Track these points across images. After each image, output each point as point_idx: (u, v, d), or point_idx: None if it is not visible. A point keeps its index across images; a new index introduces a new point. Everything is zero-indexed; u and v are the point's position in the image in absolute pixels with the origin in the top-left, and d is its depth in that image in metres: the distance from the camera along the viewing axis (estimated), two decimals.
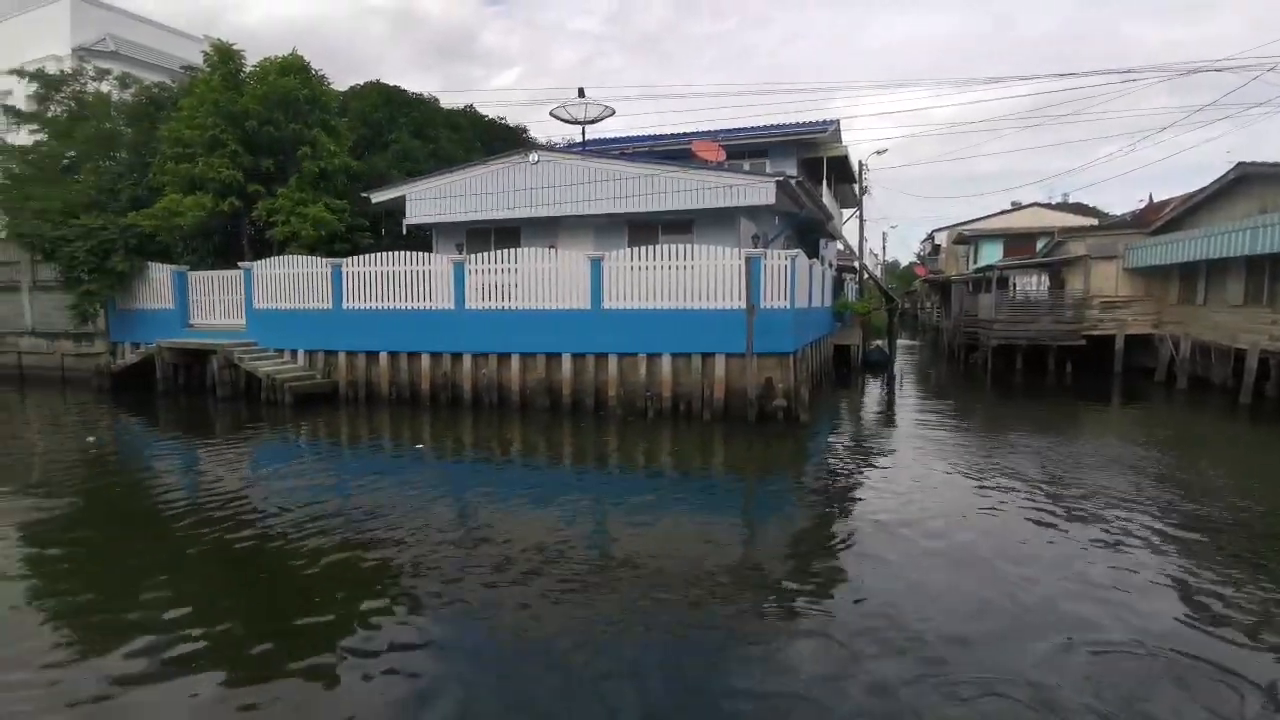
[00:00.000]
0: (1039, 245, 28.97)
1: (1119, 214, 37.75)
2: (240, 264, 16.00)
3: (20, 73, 21.75)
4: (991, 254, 32.79)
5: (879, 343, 24.04)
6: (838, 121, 20.83)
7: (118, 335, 17.53)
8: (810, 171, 20.66)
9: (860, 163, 26.94)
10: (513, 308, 13.53)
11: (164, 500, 8.02)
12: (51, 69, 23.00)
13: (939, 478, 8.70)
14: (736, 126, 21.11)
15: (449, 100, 23.40)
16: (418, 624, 4.83)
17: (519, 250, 13.85)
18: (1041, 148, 54.99)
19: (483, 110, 24.58)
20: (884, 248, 63.59)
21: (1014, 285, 24.49)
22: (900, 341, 25.96)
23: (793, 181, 14.54)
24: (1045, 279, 23.58)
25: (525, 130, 25.90)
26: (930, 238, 58.05)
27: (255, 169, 16.47)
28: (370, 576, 5.66)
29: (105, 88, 21.60)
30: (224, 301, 16.42)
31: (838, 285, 25.49)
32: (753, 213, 15.13)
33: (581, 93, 18.61)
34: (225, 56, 17.08)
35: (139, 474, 9.61)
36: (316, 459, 10.19)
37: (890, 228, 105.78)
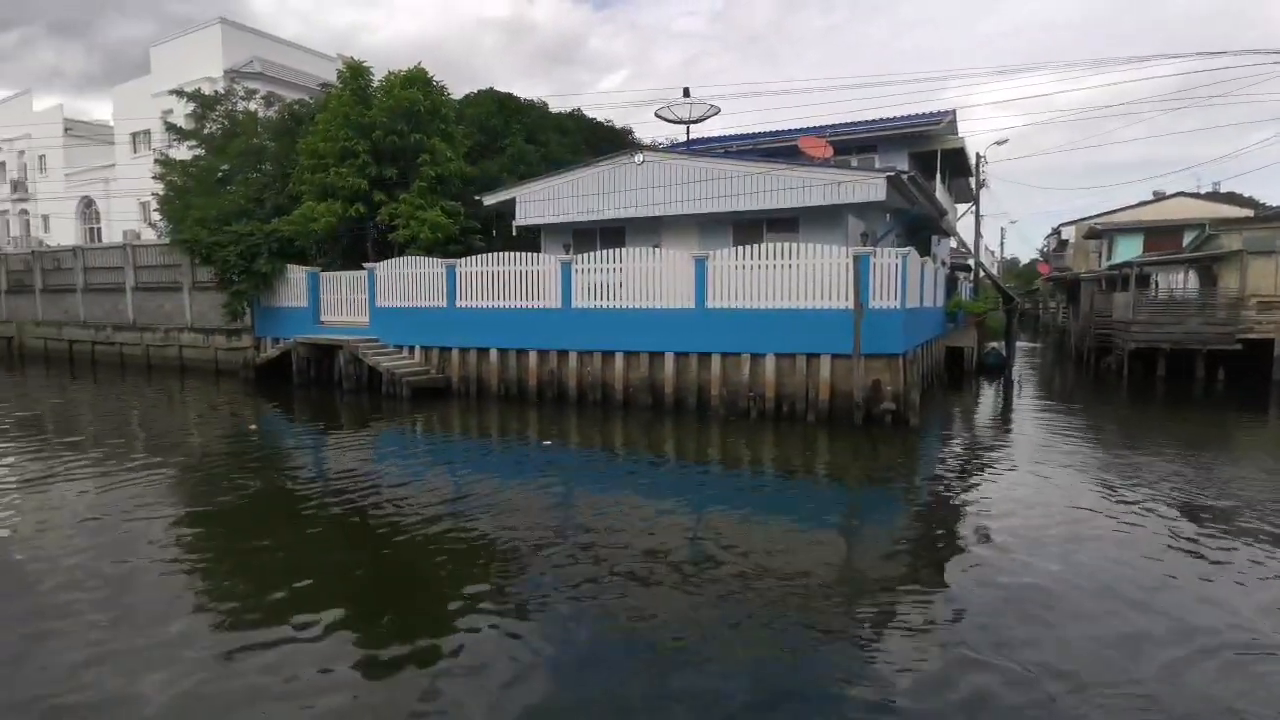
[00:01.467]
0: (1186, 239, 26.44)
1: (1278, 205, 33.85)
2: (364, 265, 17.15)
3: (180, 93, 24.24)
4: (1129, 249, 30.16)
5: (996, 345, 22.69)
6: (953, 112, 19.86)
7: (261, 331, 19.18)
8: (923, 165, 19.81)
9: (977, 155, 25.51)
10: (617, 306, 13.77)
11: (298, 481, 8.75)
12: (206, 90, 25.51)
13: (1060, 493, 8.07)
14: (844, 122, 20.55)
15: (557, 104, 24.05)
16: (519, 607, 5.02)
17: (624, 250, 14.09)
18: (1185, 134, 49.99)
19: (589, 113, 25.17)
20: (1002, 244, 59.93)
21: (1156, 283, 22.45)
22: (1020, 344, 24.38)
23: (904, 176, 14.00)
24: (1193, 276, 21.48)
25: (630, 131, 26.31)
26: (1056, 232, 54.14)
27: (380, 177, 17.59)
28: (477, 559, 5.94)
29: (253, 106, 23.71)
30: (350, 300, 17.63)
31: (951, 284, 24.27)
32: (861, 210, 14.69)
33: (686, 92, 18.68)
34: (355, 73, 18.35)
35: (279, 458, 10.50)
36: (430, 449, 10.78)
37: (1009, 223, 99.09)
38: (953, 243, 27.39)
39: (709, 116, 18.89)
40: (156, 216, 26.14)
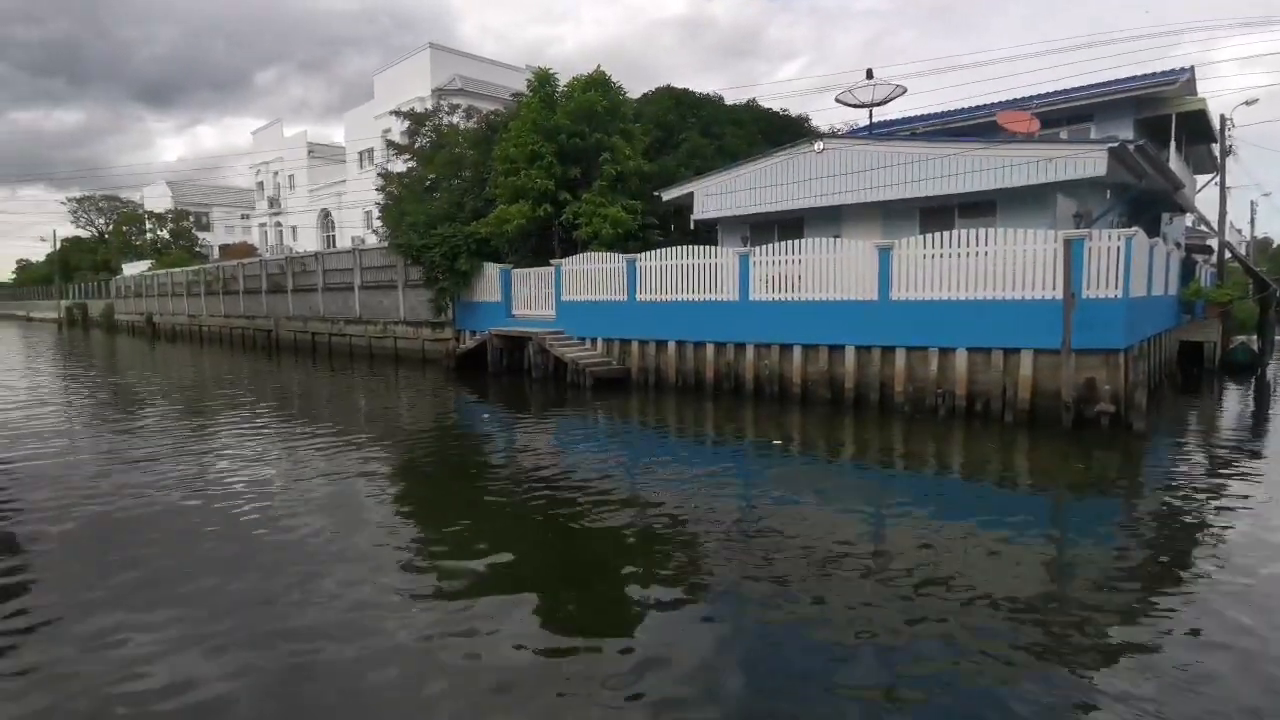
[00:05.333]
0: None
1: None
2: (551, 262, 18.26)
3: (397, 113, 27.30)
4: None
5: (1245, 339, 19.31)
6: (1190, 70, 17.17)
7: (461, 323, 21.12)
8: (1152, 133, 17.34)
9: (1222, 117, 21.83)
10: (796, 299, 13.52)
11: (491, 462, 9.58)
12: (417, 108, 28.44)
13: None
14: (1052, 91, 18.51)
15: (732, 96, 24.02)
16: (696, 599, 5.12)
17: (802, 241, 13.78)
18: None
19: (767, 103, 24.85)
20: (1252, 221, 50.45)
21: None
22: (1278, 338, 20.55)
23: (1130, 147, 12.34)
24: None
25: (807, 119, 25.60)
26: None
27: (565, 177, 18.61)
28: (657, 547, 6.13)
29: (455, 119, 26.09)
30: (538, 295, 18.88)
31: (1187, 269, 21.00)
32: (1073, 188, 13.17)
33: (870, 74, 17.79)
34: (542, 81, 19.55)
35: (477, 439, 11.54)
36: (616, 437, 11.29)
37: (1262, 196, 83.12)
38: (1188, 220, 23.72)
39: (894, 98, 17.84)
40: (377, 223, 29.68)
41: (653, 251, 16.06)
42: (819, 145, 15.53)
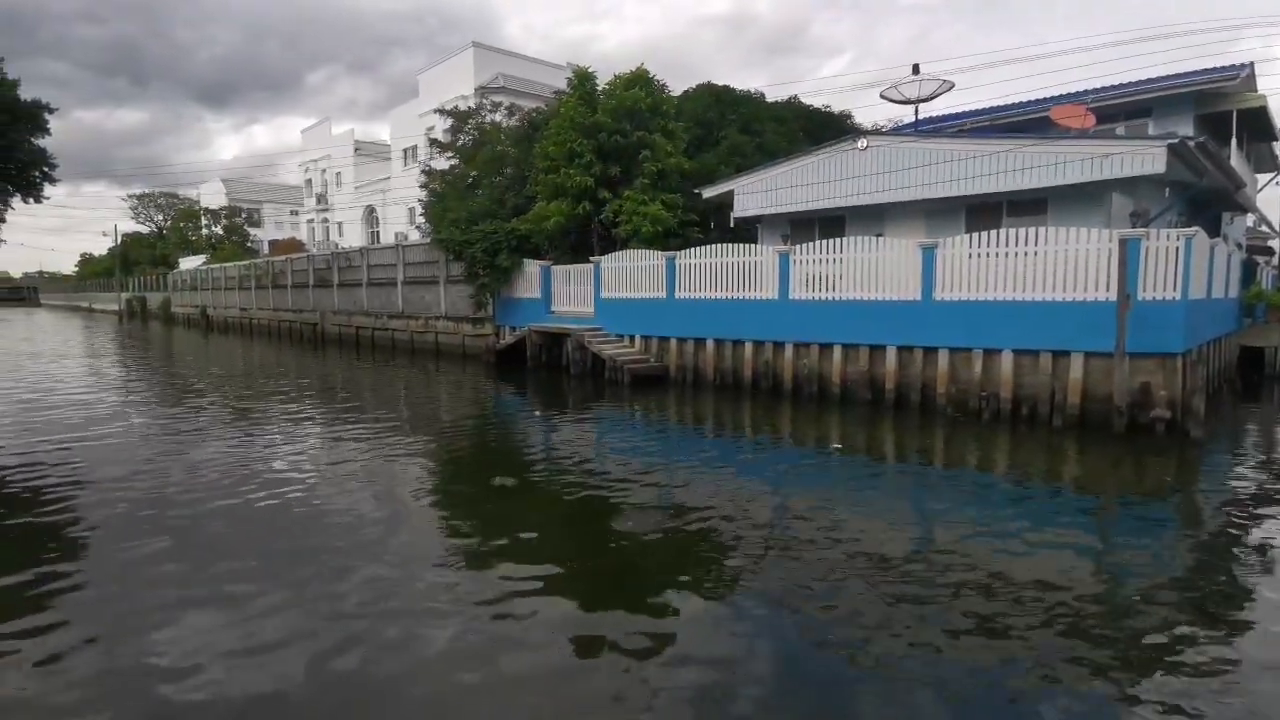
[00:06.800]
0: None
1: None
2: (590, 258, 18.35)
3: (440, 111, 27.71)
4: None
5: None
6: (1250, 65, 16.46)
7: (501, 319, 21.37)
8: (1212, 129, 16.65)
9: None
10: (836, 298, 13.36)
11: (529, 455, 9.68)
12: (460, 106, 28.81)
13: None
14: (1107, 85, 17.92)
15: (773, 94, 23.79)
16: (730, 599, 5.09)
17: (843, 239, 13.60)
18: None
19: (810, 100, 24.58)
20: None
21: None
22: None
23: (1191, 144, 11.88)
24: None
25: (849, 116, 25.24)
26: None
27: (605, 175, 18.67)
28: (690, 547, 6.12)
29: (497, 117, 26.37)
30: (578, 291, 18.98)
31: (1248, 271, 20.14)
32: (1130, 185, 12.74)
33: (916, 69, 17.44)
34: (582, 79, 19.63)
35: (512, 432, 11.67)
36: (655, 435, 11.29)
37: None
38: (1249, 220, 22.75)
39: (941, 93, 17.45)
40: (420, 220, 30.19)
41: (692, 249, 16.01)
42: (862, 142, 15.29)
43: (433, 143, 29.01)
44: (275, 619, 4.61)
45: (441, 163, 28.48)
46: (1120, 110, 17.28)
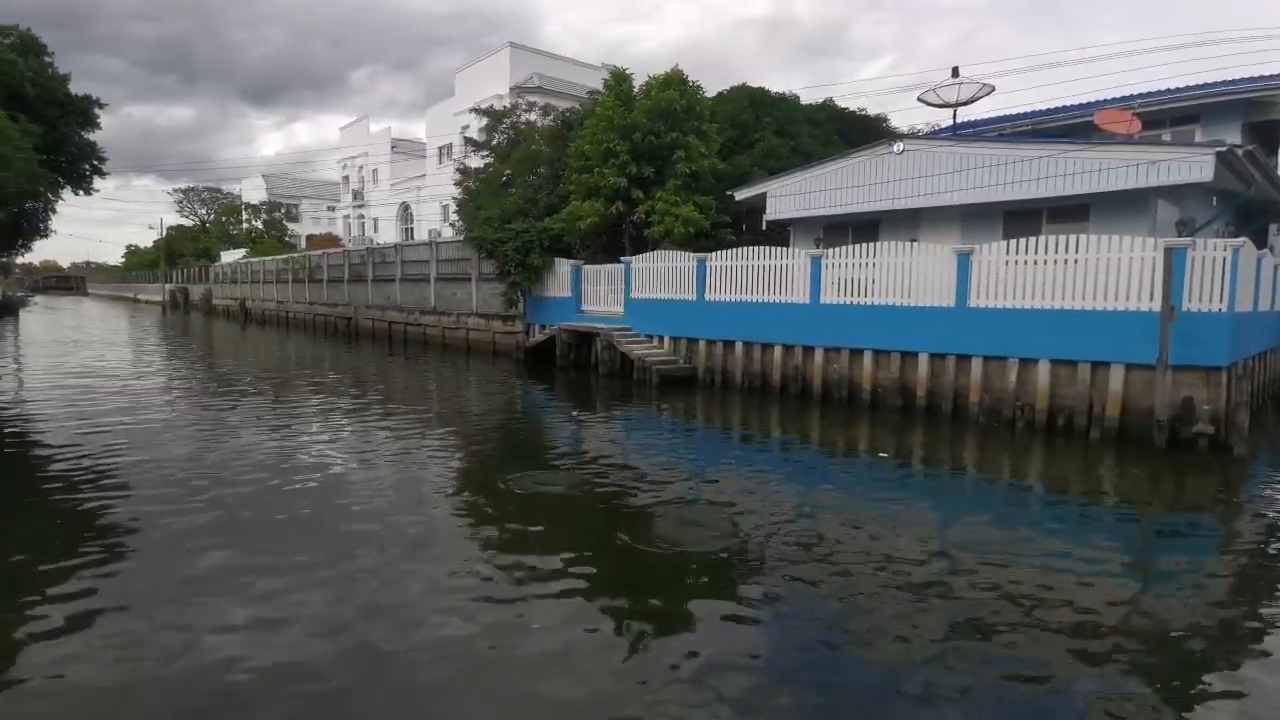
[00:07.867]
0: None
1: None
2: (621, 259, 18.41)
3: (476, 110, 28.02)
4: None
5: None
6: None
7: (531, 317, 21.53)
8: (1261, 138, 16.18)
9: None
10: (869, 303, 13.22)
11: (557, 454, 9.76)
12: (496, 106, 29.09)
13: None
14: (1153, 91, 17.48)
15: (809, 96, 23.64)
16: (755, 608, 5.09)
17: (877, 244, 13.46)
18: None
19: (847, 103, 24.39)
20: None
21: None
22: None
23: (1239, 152, 11.55)
24: None
25: (885, 120, 24.97)
26: None
27: (638, 175, 18.71)
28: (721, 552, 6.13)
29: (532, 116, 26.59)
30: (608, 291, 19.05)
31: None
32: (1176, 193, 12.42)
33: (955, 72, 17.19)
34: (619, 79, 19.70)
35: (540, 430, 11.78)
36: (682, 437, 11.32)
37: None
38: None
39: (981, 97, 17.18)
40: (454, 217, 30.57)
41: (724, 251, 15.97)
42: (899, 146, 15.13)
43: (468, 141, 29.37)
44: (309, 594, 4.73)
45: (476, 161, 28.82)
46: (1167, 116, 16.86)
